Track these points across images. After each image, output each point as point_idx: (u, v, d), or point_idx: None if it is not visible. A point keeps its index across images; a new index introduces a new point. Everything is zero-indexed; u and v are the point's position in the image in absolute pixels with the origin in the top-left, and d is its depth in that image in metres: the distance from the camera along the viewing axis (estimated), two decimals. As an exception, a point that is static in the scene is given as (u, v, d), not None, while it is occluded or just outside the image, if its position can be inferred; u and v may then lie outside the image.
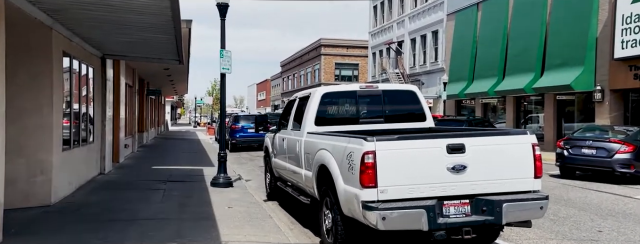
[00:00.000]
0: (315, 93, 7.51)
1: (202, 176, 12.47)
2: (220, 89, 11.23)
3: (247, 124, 22.09)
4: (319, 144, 6.48)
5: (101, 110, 12.24)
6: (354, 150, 5.29)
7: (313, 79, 57.14)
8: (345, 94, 7.63)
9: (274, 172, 9.62)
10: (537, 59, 22.02)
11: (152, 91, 25.59)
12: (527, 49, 22.74)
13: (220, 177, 10.76)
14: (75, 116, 9.82)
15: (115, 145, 14.26)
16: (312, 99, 7.47)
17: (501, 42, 24.84)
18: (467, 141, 5.12)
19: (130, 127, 18.29)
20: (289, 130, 8.44)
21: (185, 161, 16.46)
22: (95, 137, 11.63)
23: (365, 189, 5.06)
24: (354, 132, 7.11)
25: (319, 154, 6.40)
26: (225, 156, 11.03)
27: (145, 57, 12.13)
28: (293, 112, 8.48)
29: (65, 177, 9.00)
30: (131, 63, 17.36)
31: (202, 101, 62.99)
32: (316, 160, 6.52)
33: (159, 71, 20.28)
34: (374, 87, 7.60)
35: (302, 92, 8.64)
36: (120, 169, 13.57)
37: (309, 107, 7.46)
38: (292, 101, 9.09)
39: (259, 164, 17.19)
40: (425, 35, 33.51)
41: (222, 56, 10.81)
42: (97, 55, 11.62)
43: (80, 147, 10.05)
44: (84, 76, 10.60)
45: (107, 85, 12.47)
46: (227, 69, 10.94)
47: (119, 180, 11.45)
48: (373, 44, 41.81)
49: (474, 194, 5.12)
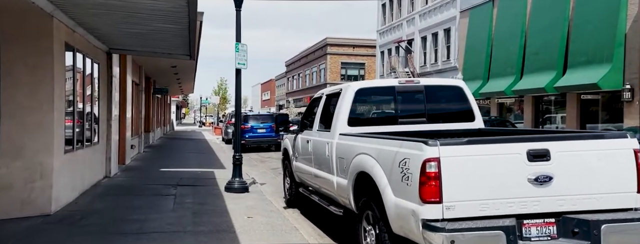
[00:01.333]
0: (348, 89, 6.59)
1: (214, 180, 11.58)
2: (235, 87, 10.33)
3: (256, 124, 21.22)
4: (358, 148, 5.57)
5: (107, 109, 11.36)
6: (410, 156, 4.38)
7: (319, 78, 56.22)
8: (382, 90, 6.71)
9: (295, 177, 8.72)
10: (559, 57, 21.04)
11: (158, 90, 24.69)
12: (547, 46, 21.77)
13: (235, 182, 9.87)
14: (79, 115, 8.94)
15: (121, 146, 13.38)
16: (344, 96, 6.56)
17: (519, 40, 23.86)
18: (552, 145, 4.19)
19: (136, 127, 17.41)
20: (314, 131, 7.53)
21: (194, 162, 15.57)
22: (100, 137, 10.75)
23: (426, 205, 4.14)
24: (396, 134, 6.22)
25: (358, 159, 5.50)
26: (240, 159, 10.13)
27: (153, 51, 11.23)
28: (319, 111, 7.57)
29: (68, 182, 8.12)
30: (138, 60, 16.48)
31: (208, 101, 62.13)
32: (353, 166, 5.62)
33: (166, 68, 19.39)
34: (414, 83, 6.68)
35: (328, 88, 7.73)
36: (126, 171, 12.68)
37: (340, 106, 6.55)
38: (317, 98, 8.19)
39: (271, 165, 16.30)
40: (436, 33, 32.55)
41: (238, 50, 9.91)
42: (102, 49, 10.73)
43: (84, 148, 9.17)
44: (89, 72, 9.72)
45: (113, 82, 11.58)
46: (242, 65, 10.04)
47: (126, 184, 10.55)
48: (381, 43, 40.85)
49: (562, 211, 4.19)
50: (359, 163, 5.47)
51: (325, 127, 7.05)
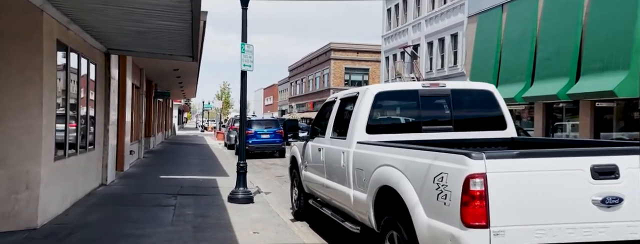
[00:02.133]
0: (366, 93, 5.93)
1: (217, 189, 10.91)
2: (241, 90, 9.68)
3: (260, 130, 20.54)
4: (380, 159, 4.91)
5: (104, 112, 10.71)
6: (448, 171, 3.71)
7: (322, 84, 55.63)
8: (404, 94, 6.04)
9: (304, 187, 8.05)
10: (572, 63, 20.38)
11: (160, 93, 24.05)
12: (560, 52, 21.11)
13: (239, 192, 9.19)
14: (73, 119, 8.29)
15: (119, 151, 12.72)
16: (362, 101, 5.90)
17: (530, 45, 23.22)
18: (620, 160, 3.51)
19: (136, 131, 16.76)
20: (326, 138, 6.87)
21: (196, 169, 14.90)
22: (96, 143, 10.09)
23: (469, 230, 3.47)
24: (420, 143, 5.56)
25: (381, 172, 4.83)
26: (245, 167, 9.46)
27: (154, 52, 10.59)
28: (332, 116, 6.91)
29: (58, 192, 7.45)
30: (138, 62, 15.86)
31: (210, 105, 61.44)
32: (375, 180, 4.95)
33: (168, 71, 18.78)
34: (440, 86, 6.01)
35: (343, 92, 7.07)
36: (124, 179, 12.01)
37: (358, 111, 5.89)
38: (330, 103, 7.52)
39: (275, 173, 15.63)
40: (443, 38, 31.95)
41: (244, 51, 9.27)
42: (100, 49, 10.10)
43: (77, 155, 8.51)
44: (85, 73, 9.08)
45: (112, 84, 10.94)
46: (248, 66, 9.39)
47: (122, 193, 9.88)
48: (386, 48, 40.25)
49: (634, 240, 3.52)
50: (382, 176, 4.81)
51: (340, 134, 6.39)
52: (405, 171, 4.39)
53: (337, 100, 6.98)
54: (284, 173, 15.33)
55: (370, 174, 5.08)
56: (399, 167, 4.50)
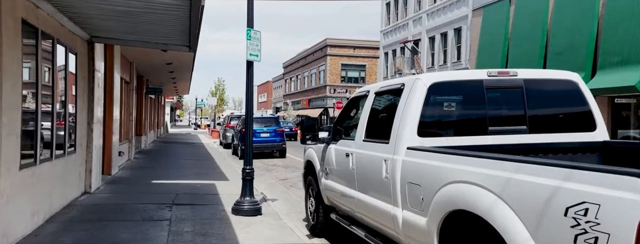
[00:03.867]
0: (416, 84, 4.55)
1: (217, 196, 9.50)
2: (246, 84, 8.27)
3: (259, 128, 19.12)
4: (451, 173, 3.55)
5: (87, 109, 9.26)
6: (601, 201, 2.35)
7: (318, 80, 54.23)
8: (465, 85, 4.66)
9: (323, 198, 6.68)
10: (588, 57, 19.14)
11: (152, 90, 22.50)
12: (573, 46, 19.86)
13: (245, 202, 7.79)
14: (47, 117, 6.85)
15: (106, 153, 11.27)
16: (411, 95, 4.52)
17: (540, 39, 21.95)
18: None
19: (126, 130, 15.28)
20: (357, 141, 5.50)
21: (192, 172, 13.46)
22: (77, 144, 8.64)
23: None
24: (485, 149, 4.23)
25: (454, 190, 3.48)
26: (252, 173, 8.06)
27: (145, 41, 9.14)
28: (364, 114, 5.54)
29: (25, 207, 6.01)
30: (128, 55, 14.38)
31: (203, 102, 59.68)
32: (442, 200, 3.60)
33: (161, 65, 17.29)
34: (510, 75, 4.64)
35: (379, 84, 5.68)
36: (112, 184, 10.55)
37: (406, 108, 4.52)
38: (359, 98, 6.15)
39: (278, 175, 14.22)
40: (446, 33, 30.64)
41: (250, 38, 7.85)
42: (82, 37, 8.64)
43: (53, 160, 7.06)
44: (62, 63, 7.63)
45: (96, 77, 9.48)
46: (255, 56, 7.99)
47: (108, 203, 8.43)
48: (385, 44, 38.89)
49: None
50: (456, 197, 3.45)
51: (378, 137, 5.01)
52: (503, 194, 3.03)
53: (370, 94, 5.60)
54: (288, 176, 13.95)
55: (433, 193, 3.72)
56: (489, 186, 3.15)
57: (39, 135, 6.38)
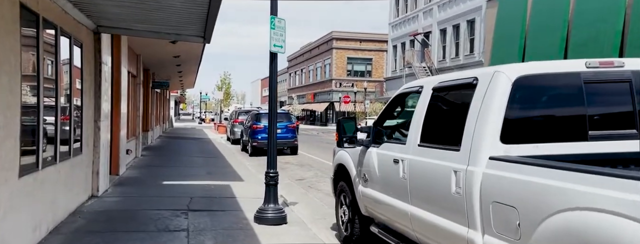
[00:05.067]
0: (498, 78, 3.71)
1: (234, 200, 8.74)
2: (270, 78, 7.49)
3: (270, 123, 18.31)
4: (573, 196, 2.74)
5: (94, 105, 8.48)
6: None
7: (323, 74, 53.41)
8: (558, 79, 3.83)
9: (360, 207, 5.90)
10: (614, 49, 18.31)
11: (158, 84, 21.69)
12: (598, 38, 19.01)
13: (269, 210, 7.01)
14: (50, 115, 6.07)
15: (114, 152, 10.50)
16: (492, 90, 3.69)
17: (561, 31, 21.10)
18: None
19: (133, 127, 14.52)
20: (410, 146, 4.71)
21: (204, 171, 12.70)
22: (84, 144, 7.87)
23: None
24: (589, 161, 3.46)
25: (580, 221, 2.68)
26: (276, 178, 7.28)
27: (157, 31, 8.33)
28: (418, 115, 4.73)
29: (26, 219, 5.24)
30: (135, 47, 13.59)
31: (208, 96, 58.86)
32: (559, 232, 2.79)
33: (168, 58, 16.51)
34: (613, 65, 3.82)
35: (435, 78, 4.87)
36: (120, 186, 9.79)
37: (484, 107, 3.70)
38: (409, 93, 5.36)
39: (293, 175, 13.45)
40: (458, 24, 29.77)
41: (274, 27, 7.05)
42: (88, 26, 7.84)
43: (57, 164, 6.29)
44: (66, 55, 6.84)
45: (103, 71, 8.69)
46: (280, 47, 7.19)
47: (118, 209, 7.66)
48: (394, 36, 38.00)
49: None
50: (585, 230, 2.64)
51: (441, 142, 4.22)
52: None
53: (425, 90, 4.79)
54: (304, 175, 13.19)
55: (540, 219, 2.93)
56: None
57: (41, 136, 5.61)
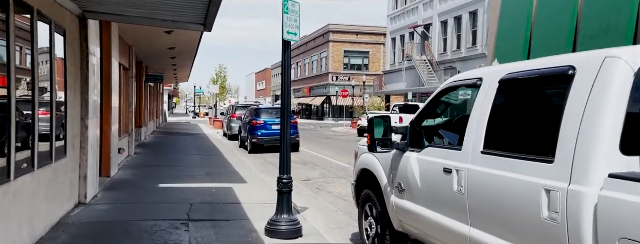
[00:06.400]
0: (613, 66, 2.74)
1: (239, 206, 7.80)
2: (282, 69, 6.54)
3: (270, 120, 17.38)
4: None
5: (81, 102, 7.48)
6: None
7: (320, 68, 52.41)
8: None
9: (393, 222, 4.99)
10: (627, 41, 17.48)
11: (152, 77, 20.63)
12: (609, 29, 18.19)
13: (282, 221, 6.07)
14: (22, 115, 5.09)
15: (104, 152, 9.52)
16: (603, 83, 2.73)
17: (570, 22, 20.26)
18: None
19: (126, 123, 13.51)
20: (465, 153, 3.79)
21: (202, 171, 11.73)
22: (69, 145, 6.88)
23: None
24: None
25: None
26: (290, 185, 6.34)
27: (151, 18, 7.32)
28: (479, 114, 3.79)
29: (-5, 243, 4.29)
30: (127, 38, 12.55)
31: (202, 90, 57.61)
32: None
33: (163, 50, 15.49)
34: None
35: (502, 68, 3.92)
36: (111, 191, 8.80)
37: (591, 106, 2.75)
38: (459, 87, 4.44)
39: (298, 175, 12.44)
40: (460, 16, 28.87)
41: (287, 11, 6.08)
42: (72, 11, 6.82)
43: (35, 171, 5.31)
44: (46, 44, 5.85)
45: (91, 62, 7.68)
46: (294, 34, 6.23)
47: (108, 221, 6.67)
48: (393, 29, 37.03)
49: None
50: None
51: (519, 150, 3.29)
52: None
53: (487, 82, 3.84)
54: (310, 175, 12.25)
55: None
56: None
57: (13, 139, 4.63)
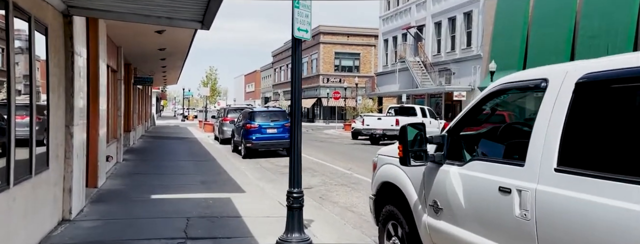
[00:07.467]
0: None
1: (240, 221, 7.09)
2: (292, 68, 5.88)
3: (265, 123, 16.68)
4: None
5: (65, 107, 6.73)
6: None
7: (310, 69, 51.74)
8: None
9: (425, 243, 4.34)
10: (628, 41, 17.11)
11: (141, 79, 19.80)
12: (609, 29, 17.81)
13: (293, 241, 5.41)
14: (-1, 124, 4.37)
15: (90, 160, 8.76)
16: None
17: (568, 22, 19.87)
18: None
19: (114, 128, 12.73)
20: (534, 169, 3.08)
21: (196, 180, 10.99)
22: (52, 156, 6.14)
23: None
24: None
25: None
26: (301, 199, 5.65)
27: (144, 14, 6.60)
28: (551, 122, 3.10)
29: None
30: (115, 38, 11.78)
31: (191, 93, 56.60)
32: None
33: (152, 52, 14.72)
34: None
35: (582, 65, 3.22)
36: (99, 204, 8.04)
37: None
38: (522, 88, 3.84)
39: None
40: (454, 17, 28.42)
41: (298, 5, 5.41)
42: (55, 6, 6.09)
43: (10, 189, 4.57)
44: (23, 43, 5.12)
45: (76, 63, 6.93)
46: (304, 31, 5.58)
47: (95, 241, 5.92)
48: (385, 30, 36.52)
49: None
50: None
51: (621, 170, 2.57)
52: None
53: (556, 83, 3.20)
54: (311, 182, 11.55)
55: None
56: None
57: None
